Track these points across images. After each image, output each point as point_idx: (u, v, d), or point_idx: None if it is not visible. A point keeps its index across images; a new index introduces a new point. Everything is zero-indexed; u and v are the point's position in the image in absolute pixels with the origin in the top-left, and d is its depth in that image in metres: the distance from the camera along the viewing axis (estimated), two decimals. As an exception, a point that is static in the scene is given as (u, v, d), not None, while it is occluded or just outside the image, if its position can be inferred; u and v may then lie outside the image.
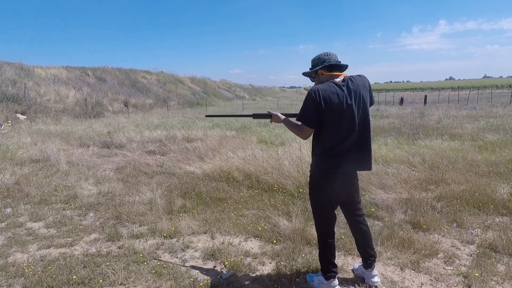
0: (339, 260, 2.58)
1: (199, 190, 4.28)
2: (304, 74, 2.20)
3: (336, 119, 1.93)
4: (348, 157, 1.99)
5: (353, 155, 2.00)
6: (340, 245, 2.77)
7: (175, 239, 3.03)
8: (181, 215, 3.54)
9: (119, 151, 7.40)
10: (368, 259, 2.23)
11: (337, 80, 2.01)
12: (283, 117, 2.20)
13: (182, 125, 11.60)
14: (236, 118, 15.26)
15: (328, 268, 2.15)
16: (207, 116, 3.12)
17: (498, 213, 3.33)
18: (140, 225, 3.38)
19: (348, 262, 2.56)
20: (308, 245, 2.78)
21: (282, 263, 2.54)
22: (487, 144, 6.58)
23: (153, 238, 3.07)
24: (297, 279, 2.32)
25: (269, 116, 2.25)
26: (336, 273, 2.18)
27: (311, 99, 1.92)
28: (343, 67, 2.08)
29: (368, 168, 2.07)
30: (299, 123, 2.04)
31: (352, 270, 2.44)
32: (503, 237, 2.77)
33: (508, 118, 11.21)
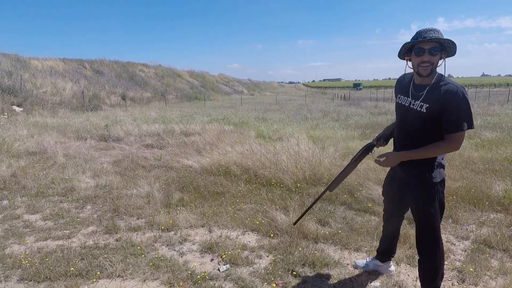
0: (336, 254, 2.60)
1: (197, 184, 4.28)
2: (445, 40, 1.65)
3: None
4: None
5: None
6: (337, 240, 2.79)
7: (172, 232, 3.04)
8: (178, 208, 3.55)
9: (116, 144, 7.37)
10: (392, 254, 2.32)
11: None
12: (406, 153, 1.77)
13: (180, 119, 11.56)
14: (234, 113, 15.21)
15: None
16: (294, 223, 2.59)
17: (493, 209, 3.36)
18: (138, 218, 3.39)
19: (344, 256, 2.59)
20: (305, 239, 2.80)
21: (279, 256, 2.56)
22: (483, 141, 6.62)
23: (150, 231, 3.08)
24: (294, 272, 2.34)
25: (352, 166, 1.98)
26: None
27: (468, 100, 1.65)
28: None
29: None
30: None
31: (354, 266, 2.42)
32: (497, 233, 2.81)
33: (505, 117, 11.28)
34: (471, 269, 2.31)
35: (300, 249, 2.63)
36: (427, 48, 1.66)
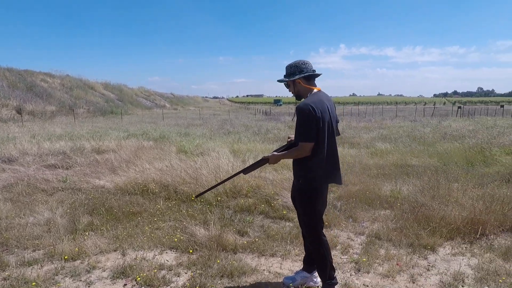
0: (253, 262, 2.72)
1: (110, 205, 3.95)
2: (280, 81, 2.25)
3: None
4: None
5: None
6: (254, 248, 2.92)
7: (78, 261, 2.74)
8: (87, 233, 3.21)
9: (7, 166, 6.27)
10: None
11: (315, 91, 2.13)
12: (279, 153, 2.10)
13: (91, 135, 10.48)
14: (155, 128, 14.55)
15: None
16: (196, 196, 2.83)
17: (383, 207, 3.99)
18: (34, 250, 2.94)
19: (261, 262, 2.72)
20: (224, 251, 2.85)
21: (198, 271, 2.54)
22: (377, 150, 7.82)
23: (50, 263, 2.70)
24: (212, 285, 2.36)
25: (265, 160, 2.14)
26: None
27: (306, 116, 1.96)
28: (317, 76, 2.18)
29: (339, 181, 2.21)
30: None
31: (283, 284, 2.37)
32: (384, 227, 3.35)
33: (393, 129, 13.53)
34: (364, 260, 2.69)
35: (219, 261, 2.66)
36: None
